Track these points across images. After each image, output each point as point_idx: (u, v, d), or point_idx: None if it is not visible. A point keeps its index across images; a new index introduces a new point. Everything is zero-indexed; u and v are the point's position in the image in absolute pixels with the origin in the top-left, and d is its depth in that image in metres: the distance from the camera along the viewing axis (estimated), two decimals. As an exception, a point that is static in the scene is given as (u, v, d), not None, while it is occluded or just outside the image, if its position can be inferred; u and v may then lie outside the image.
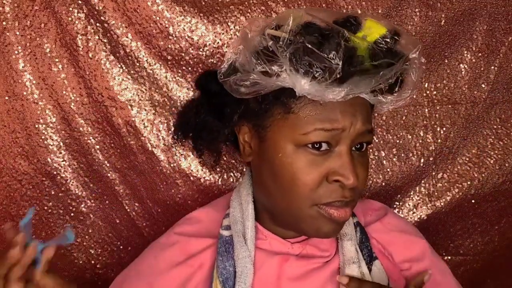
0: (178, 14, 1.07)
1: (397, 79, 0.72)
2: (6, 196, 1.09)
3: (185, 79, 1.09)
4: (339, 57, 0.66)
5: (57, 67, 1.07)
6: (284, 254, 0.80)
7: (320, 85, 0.68)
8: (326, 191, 0.73)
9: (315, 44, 0.67)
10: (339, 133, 0.72)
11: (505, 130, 1.14)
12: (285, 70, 0.69)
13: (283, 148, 0.73)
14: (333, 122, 0.71)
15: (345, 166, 0.72)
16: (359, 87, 0.69)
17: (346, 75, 0.68)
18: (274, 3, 1.07)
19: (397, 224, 0.89)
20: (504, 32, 1.12)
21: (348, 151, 0.73)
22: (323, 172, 0.72)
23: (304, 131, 0.72)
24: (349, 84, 0.68)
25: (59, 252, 1.12)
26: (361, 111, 0.73)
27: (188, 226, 0.87)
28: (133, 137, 1.10)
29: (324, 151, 0.72)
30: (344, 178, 0.71)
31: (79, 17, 1.06)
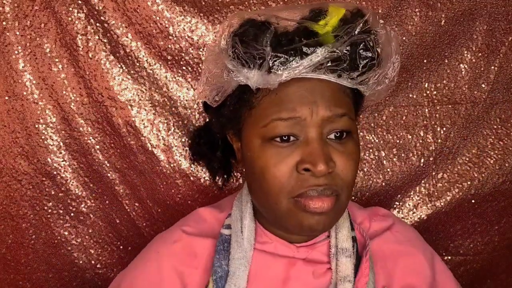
0: (178, 14, 1.07)
1: (354, 55, 0.71)
2: (6, 196, 1.09)
3: (185, 79, 1.09)
4: (268, 43, 0.69)
5: (57, 67, 1.07)
6: (291, 258, 0.79)
7: (263, 73, 0.70)
8: (297, 182, 0.70)
9: (247, 37, 0.71)
10: (301, 121, 0.70)
11: (505, 130, 1.14)
12: (234, 67, 0.72)
13: (252, 144, 0.74)
14: (289, 110, 0.71)
15: (312, 152, 0.70)
16: (300, 67, 0.69)
17: (284, 59, 0.69)
18: (274, 3, 1.07)
19: (404, 233, 0.87)
20: (504, 32, 1.12)
21: (316, 139, 0.71)
22: (291, 163, 0.70)
23: (264, 123, 0.72)
24: (290, 66, 0.69)
25: (59, 252, 1.12)
26: (324, 96, 0.71)
27: (193, 224, 0.87)
28: (133, 137, 1.10)
29: (292, 143, 0.71)
30: (312, 165, 0.69)
31: (79, 17, 1.06)
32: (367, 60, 0.72)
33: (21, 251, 1.11)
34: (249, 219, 0.80)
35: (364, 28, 0.71)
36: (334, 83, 0.73)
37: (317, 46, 0.70)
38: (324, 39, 0.70)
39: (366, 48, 0.71)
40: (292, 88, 0.71)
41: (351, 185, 0.74)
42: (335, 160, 0.71)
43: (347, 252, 0.78)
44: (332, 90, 0.72)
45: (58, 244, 1.12)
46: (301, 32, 0.71)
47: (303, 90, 0.71)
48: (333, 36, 0.71)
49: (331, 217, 0.73)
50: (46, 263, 1.12)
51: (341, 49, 0.70)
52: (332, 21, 0.71)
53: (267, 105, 0.72)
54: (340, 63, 0.71)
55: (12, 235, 1.11)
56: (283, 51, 0.69)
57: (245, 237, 0.79)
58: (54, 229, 1.11)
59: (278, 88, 0.72)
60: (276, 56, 0.69)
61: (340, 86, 0.73)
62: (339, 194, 0.72)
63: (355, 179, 0.75)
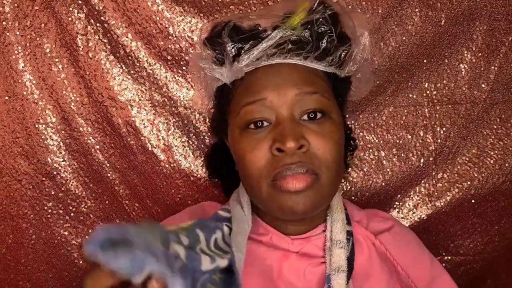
0: (178, 14, 1.07)
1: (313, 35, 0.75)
2: (6, 196, 1.09)
3: (185, 79, 1.09)
4: (226, 35, 0.76)
5: (57, 67, 1.07)
6: (285, 251, 0.80)
7: (230, 65, 0.76)
8: (273, 163, 0.72)
9: (212, 38, 0.78)
10: (268, 104, 0.73)
11: (505, 130, 1.14)
12: (208, 68, 0.79)
13: (233, 135, 0.78)
14: (255, 93, 0.74)
15: (281, 131, 0.71)
16: (258, 51, 0.74)
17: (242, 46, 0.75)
18: (273, 2, 1.07)
19: (404, 236, 0.87)
20: (504, 32, 1.11)
21: (286, 118, 0.72)
22: (266, 146, 0.72)
23: (237, 112, 0.76)
24: (250, 53, 0.75)
25: (59, 252, 1.12)
26: (291, 77, 0.74)
27: (198, 213, 0.89)
28: (133, 137, 1.10)
29: (265, 128, 0.74)
30: (281, 143, 0.70)
31: (79, 17, 1.06)
32: (325, 37, 0.75)
33: (21, 251, 1.11)
34: (247, 207, 0.80)
35: (318, 9, 0.75)
36: (304, 66, 0.76)
37: (272, 30, 0.75)
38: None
39: (322, 26, 0.75)
40: (259, 74, 0.76)
41: (332, 165, 0.73)
42: (309, 139, 0.72)
43: (341, 244, 0.79)
44: (301, 72, 0.75)
45: (58, 244, 1.12)
46: (265, 26, 0.77)
47: (269, 74, 0.75)
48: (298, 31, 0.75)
49: (311, 196, 0.72)
50: (46, 263, 1.12)
51: (297, 30, 0.74)
52: (299, 16, 0.75)
53: (238, 95, 0.77)
54: (304, 46, 0.75)
55: (12, 235, 1.11)
56: (239, 39, 0.75)
57: (246, 214, 0.79)
58: (54, 229, 1.11)
59: (247, 78, 0.76)
60: (234, 45, 0.75)
61: (310, 69, 0.76)
62: (317, 174, 0.72)
63: (338, 161, 0.74)
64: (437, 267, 0.87)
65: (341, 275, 0.77)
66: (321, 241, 0.81)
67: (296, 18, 0.76)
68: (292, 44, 0.75)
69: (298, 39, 0.75)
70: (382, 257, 0.83)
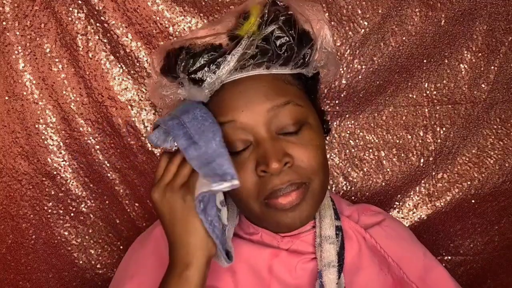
0: (178, 14, 1.07)
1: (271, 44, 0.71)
2: (6, 196, 1.09)
3: (185, 79, 1.09)
4: (181, 70, 0.72)
5: (57, 67, 1.07)
6: (275, 248, 0.80)
7: (192, 89, 0.72)
8: (261, 185, 0.70)
9: (168, 70, 0.75)
10: (241, 125, 0.70)
11: (505, 130, 1.14)
12: (170, 92, 0.75)
13: None
14: (224, 115, 0.71)
15: (263, 153, 0.69)
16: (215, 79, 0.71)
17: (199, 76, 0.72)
18: (274, 3, 1.07)
19: (395, 228, 0.87)
20: (504, 32, 1.11)
21: (265, 137, 0.70)
22: (250, 168, 0.70)
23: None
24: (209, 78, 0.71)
25: (59, 252, 1.12)
26: (258, 91, 0.71)
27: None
28: (133, 137, 1.10)
29: (247, 149, 0.71)
30: (265, 165, 0.69)
31: (79, 17, 1.06)
32: (284, 46, 0.72)
33: (21, 251, 1.11)
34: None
35: (271, 17, 0.71)
36: (269, 76, 0.73)
37: (229, 50, 0.70)
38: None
39: (279, 36, 0.71)
40: (224, 93, 0.73)
41: (320, 171, 0.73)
42: (292, 153, 0.71)
43: (330, 239, 0.79)
44: (267, 82, 0.72)
45: (58, 244, 1.12)
46: (220, 42, 0.72)
47: (235, 93, 0.72)
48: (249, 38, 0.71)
49: (306, 208, 0.72)
50: (46, 263, 1.12)
51: (254, 44, 0.70)
52: (252, 20, 0.72)
53: (212, 112, 0.73)
54: (263, 56, 0.72)
55: (12, 235, 1.11)
56: (197, 69, 0.71)
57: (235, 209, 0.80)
58: (54, 229, 1.11)
59: (215, 96, 0.73)
60: (191, 77, 0.71)
61: (277, 77, 0.73)
62: (307, 183, 0.72)
63: (323, 163, 0.74)
64: (430, 259, 0.86)
65: (332, 270, 0.77)
66: (311, 237, 0.80)
67: (252, 24, 0.72)
68: (252, 57, 0.71)
69: (257, 50, 0.71)
70: (372, 250, 0.82)
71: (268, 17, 0.71)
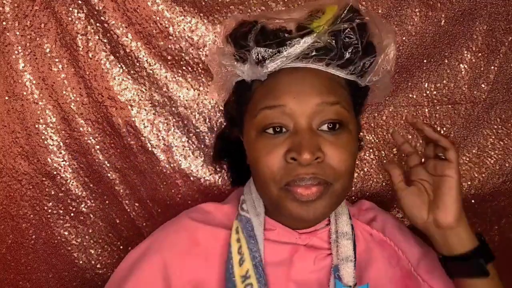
0: (178, 14, 1.07)
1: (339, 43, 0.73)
2: (6, 196, 1.09)
3: (185, 79, 1.09)
4: (252, 39, 0.74)
5: (57, 67, 1.07)
6: (293, 244, 0.82)
7: (253, 66, 0.75)
8: (286, 171, 0.72)
9: (237, 36, 0.76)
10: (287, 111, 0.72)
11: (505, 130, 1.14)
12: (228, 64, 0.77)
13: (249, 136, 0.77)
14: (275, 98, 0.73)
15: (299, 142, 0.71)
16: (282, 58, 0.73)
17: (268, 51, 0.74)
18: (274, 3, 1.07)
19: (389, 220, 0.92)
20: (504, 32, 1.12)
21: (304, 128, 0.72)
22: (281, 152, 0.73)
23: (254, 114, 0.75)
24: (275, 58, 0.73)
25: (59, 252, 1.12)
26: (313, 85, 0.73)
27: (198, 214, 0.88)
28: (133, 137, 1.10)
29: (283, 134, 0.73)
30: (297, 154, 0.71)
31: (79, 17, 1.06)
32: (351, 47, 0.74)
33: (21, 251, 1.11)
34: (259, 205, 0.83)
35: (347, 17, 0.73)
36: (326, 73, 0.75)
37: (299, 38, 0.73)
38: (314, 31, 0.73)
39: (349, 36, 0.73)
40: (280, 78, 0.74)
41: (346, 176, 0.74)
42: (325, 150, 0.72)
43: (347, 235, 0.82)
44: (323, 79, 0.74)
45: (58, 244, 1.12)
46: (291, 29, 0.74)
47: (291, 79, 0.74)
48: (326, 33, 0.73)
49: (322, 206, 0.74)
50: (46, 263, 1.12)
51: (324, 38, 0.72)
52: (325, 18, 0.74)
53: (258, 96, 0.76)
54: (327, 52, 0.73)
55: (12, 235, 1.11)
56: (266, 45, 0.73)
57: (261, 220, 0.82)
58: (54, 229, 1.11)
59: (268, 79, 0.75)
60: (259, 51, 0.73)
61: (332, 76, 0.75)
62: (330, 183, 0.73)
63: (351, 170, 0.75)
64: (422, 243, 0.90)
65: (349, 264, 0.80)
66: (326, 234, 0.83)
67: (324, 22, 0.74)
68: (316, 50, 0.74)
69: (323, 45, 0.74)
70: (381, 245, 0.86)
71: (344, 16, 0.73)
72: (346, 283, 0.79)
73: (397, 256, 0.86)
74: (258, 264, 0.78)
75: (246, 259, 0.79)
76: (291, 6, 1.08)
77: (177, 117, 1.11)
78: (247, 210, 0.83)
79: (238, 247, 0.80)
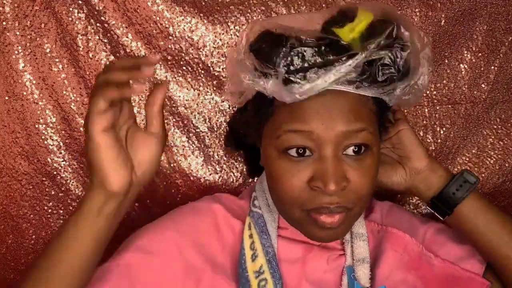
0: (178, 14, 1.07)
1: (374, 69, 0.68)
2: (6, 196, 1.09)
3: (185, 79, 1.09)
4: (282, 60, 0.67)
5: (57, 67, 1.07)
6: (307, 244, 0.82)
7: (280, 85, 0.68)
8: (310, 197, 0.71)
9: (262, 52, 0.69)
10: (314, 136, 0.69)
11: (505, 130, 1.14)
12: (250, 78, 0.71)
13: (268, 154, 0.74)
14: (302, 123, 0.70)
15: (324, 171, 0.69)
16: (319, 83, 0.67)
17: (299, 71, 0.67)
18: (274, 3, 1.07)
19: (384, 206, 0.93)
20: (504, 32, 1.12)
21: (331, 156, 0.70)
22: (304, 178, 0.71)
23: (278, 134, 0.71)
24: (308, 80, 0.67)
25: (59, 252, 1.12)
26: (341, 110, 0.69)
27: (220, 201, 0.87)
28: (133, 137, 1.10)
29: (306, 157, 0.71)
30: (322, 184, 0.69)
31: (79, 17, 1.06)
32: (387, 75, 0.69)
33: (21, 251, 1.11)
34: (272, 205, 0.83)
35: (388, 42, 0.68)
36: (354, 94, 0.70)
37: (339, 61, 0.66)
38: (350, 47, 0.67)
39: (387, 64, 0.68)
40: (308, 100, 0.69)
41: (365, 198, 0.74)
42: (349, 177, 0.71)
43: (363, 237, 0.82)
44: (351, 102, 0.70)
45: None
46: (322, 44, 0.67)
47: (319, 103, 0.69)
48: (360, 45, 0.67)
49: (342, 229, 0.75)
50: (46, 263, 1.12)
51: (360, 62, 0.67)
52: (359, 27, 0.68)
53: (281, 115, 0.71)
54: (362, 75, 0.68)
55: (12, 235, 1.11)
56: (297, 70, 0.67)
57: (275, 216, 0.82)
58: (54, 229, 1.11)
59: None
60: (288, 71, 0.67)
61: (360, 97, 0.71)
62: (351, 208, 0.73)
63: (371, 192, 0.75)
64: (422, 219, 0.91)
65: (366, 265, 0.80)
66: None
67: (357, 34, 0.67)
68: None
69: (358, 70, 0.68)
70: (384, 236, 0.86)
71: (385, 39, 0.67)
72: (363, 284, 0.79)
73: (403, 242, 0.84)
74: (272, 259, 0.78)
75: (259, 254, 0.78)
76: (291, 6, 1.08)
77: (177, 117, 1.11)
78: (259, 206, 0.83)
79: (251, 242, 0.80)
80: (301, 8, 1.07)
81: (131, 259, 0.78)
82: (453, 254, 0.85)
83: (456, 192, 0.81)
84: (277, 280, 0.77)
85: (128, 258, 0.78)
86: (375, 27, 0.68)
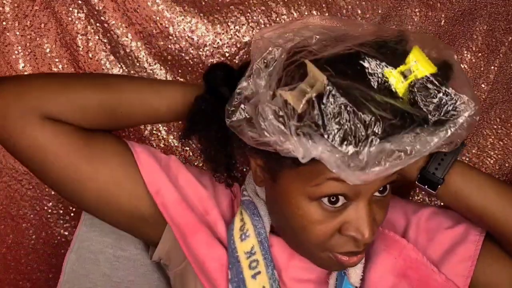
0: (178, 14, 1.07)
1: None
2: (6, 196, 1.09)
3: (185, 79, 1.09)
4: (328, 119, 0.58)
5: (57, 67, 1.07)
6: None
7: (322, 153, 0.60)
8: (338, 242, 0.70)
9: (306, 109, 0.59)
10: (355, 186, 0.64)
11: (505, 130, 1.14)
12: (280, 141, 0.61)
13: (294, 200, 0.68)
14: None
15: (360, 221, 0.67)
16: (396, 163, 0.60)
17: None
18: (274, 3, 1.07)
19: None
20: (504, 32, 1.11)
21: (366, 205, 0.67)
22: (337, 225, 0.69)
23: (316, 182, 0.65)
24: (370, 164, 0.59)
25: (59, 252, 1.12)
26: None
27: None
28: (133, 137, 1.10)
29: (340, 206, 0.67)
30: (359, 234, 0.67)
31: (79, 17, 1.06)
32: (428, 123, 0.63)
33: (21, 251, 1.11)
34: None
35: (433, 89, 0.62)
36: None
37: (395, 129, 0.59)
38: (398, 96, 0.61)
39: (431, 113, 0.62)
40: None
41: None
42: (376, 218, 0.70)
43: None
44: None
45: (58, 244, 1.12)
46: (408, 97, 0.60)
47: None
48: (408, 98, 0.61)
49: (358, 262, 0.75)
50: (46, 263, 1.12)
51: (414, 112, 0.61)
52: (418, 74, 0.61)
53: (321, 164, 0.62)
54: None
55: (12, 235, 1.11)
56: (352, 143, 0.59)
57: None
58: (54, 229, 1.11)
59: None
60: (348, 146, 0.59)
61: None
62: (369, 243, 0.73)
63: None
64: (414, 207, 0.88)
65: (359, 266, 0.80)
66: None
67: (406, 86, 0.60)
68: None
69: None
70: (381, 238, 0.84)
71: (438, 99, 0.62)
72: (352, 283, 0.79)
73: (399, 247, 0.82)
74: (263, 240, 0.77)
75: (251, 234, 0.77)
76: (291, 6, 1.07)
77: (177, 117, 1.10)
78: (248, 195, 0.82)
79: (241, 225, 0.79)
80: (301, 8, 1.07)
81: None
82: (448, 240, 0.82)
83: (439, 166, 0.77)
84: (268, 262, 0.76)
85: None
86: (431, 80, 0.62)
